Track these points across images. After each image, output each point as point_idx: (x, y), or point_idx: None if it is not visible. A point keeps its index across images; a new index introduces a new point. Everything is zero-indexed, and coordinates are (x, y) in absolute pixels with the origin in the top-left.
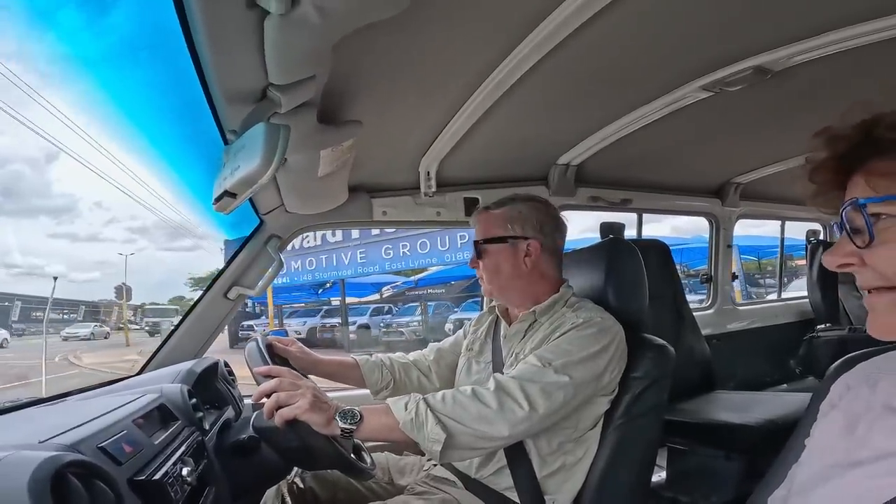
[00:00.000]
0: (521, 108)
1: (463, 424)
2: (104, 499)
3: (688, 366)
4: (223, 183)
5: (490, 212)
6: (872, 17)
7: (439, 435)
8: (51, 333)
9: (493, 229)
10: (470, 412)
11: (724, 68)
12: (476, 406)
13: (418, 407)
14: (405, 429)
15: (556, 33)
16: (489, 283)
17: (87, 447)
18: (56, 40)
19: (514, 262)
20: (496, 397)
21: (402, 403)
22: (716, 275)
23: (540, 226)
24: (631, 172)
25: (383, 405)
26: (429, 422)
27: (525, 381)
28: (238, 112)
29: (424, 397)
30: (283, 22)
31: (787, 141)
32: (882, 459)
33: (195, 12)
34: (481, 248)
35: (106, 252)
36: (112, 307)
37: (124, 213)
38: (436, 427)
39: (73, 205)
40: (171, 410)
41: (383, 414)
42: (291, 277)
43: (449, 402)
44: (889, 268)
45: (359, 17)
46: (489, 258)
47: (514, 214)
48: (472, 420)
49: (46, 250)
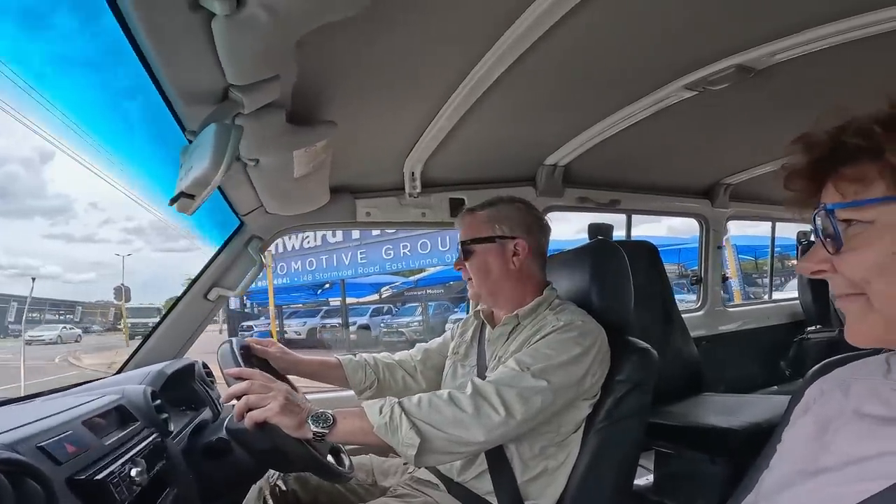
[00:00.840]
0: (505, 108)
1: (438, 429)
2: (34, 497)
3: (675, 368)
4: (179, 184)
5: (476, 213)
6: (851, 13)
7: (413, 439)
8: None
9: (480, 229)
10: (445, 416)
11: (706, 67)
12: (452, 410)
13: (393, 411)
14: (379, 433)
15: (536, 28)
16: (478, 284)
17: (26, 447)
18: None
19: (503, 262)
20: (472, 402)
21: (376, 407)
22: (706, 276)
23: (527, 226)
24: (619, 173)
25: (358, 409)
26: (403, 426)
27: (502, 386)
28: (199, 113)
29: (400, 401)
30: (230, 23)
31: (774, 141)
32: (848, 466)
33: (135, 19)
34: (468, 248)
35: (102, 253)
36: (108, 308)
37: (120, 214)
38: (410, 431)
39: (68, 205)
40: (129, 412)
41: (357, 417)
42: (291, 278)
43: (424, 406)
44: (856, 274)
45: (314, 18)
46: (477, 258)
47: (500, 215)
48: (448, 424)
49: (42, 251)
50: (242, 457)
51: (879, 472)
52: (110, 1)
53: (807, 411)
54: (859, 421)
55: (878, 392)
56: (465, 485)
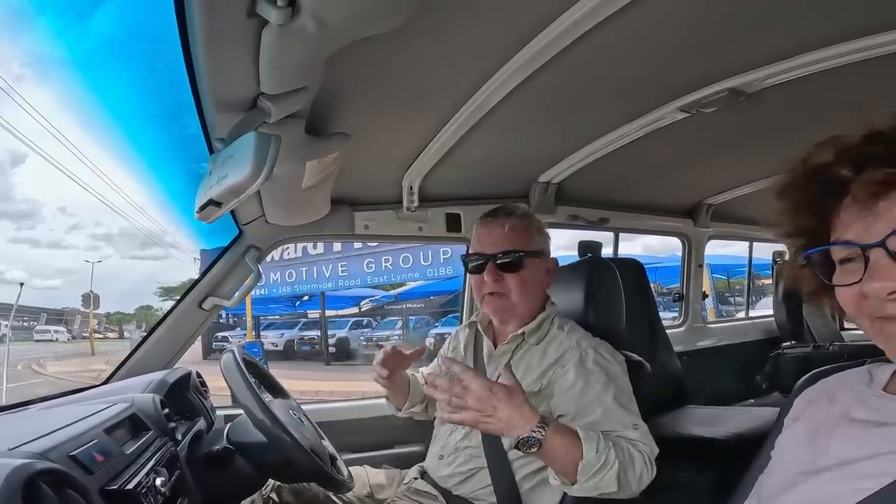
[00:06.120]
0: (504, 127)
1: (628, 483)
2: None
3: (661, 381)
4: (209, 192)
5: (526, 220)
6: (841, 40)
7: (611, 487)
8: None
9: (531, 240)
10: (636, 472)
11: (701, 90)
12: (640, 467)
13: (609, 455)
14: (584, 469)
15: (541, 55)
16: (521, 299)
17: (58, 455)
18: (37, 40)
19: (543, 280)
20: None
21: (594, 443)
22: (687, 293)
23: (548, 245)
24: (609, 192)
25: (571, 431)
26: (610, 473)
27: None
28: (227, 120)
29: (612, 446)
30: (281, 32)
31: (756, 163)
32: (843, 466)
33: (195, 17)
34: (519, 259)
35: (69, 259)
36: (75, 315)
37: (89, 220)
38: (613, 481)
39: (35, 210)
40: (142, 420)
41: (572, 444)
42: (270, 289)
43: (628, 457)
44: None
45: (356, 31)
46: (528, 272)
47: (540, 227)
48: (634, 481)
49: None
50: (242, 467)
51: (873, 471)
52: (178, 5)
53: (797, 419)
54: (850, 425)
55: (864, 399)
56: (464, 496)
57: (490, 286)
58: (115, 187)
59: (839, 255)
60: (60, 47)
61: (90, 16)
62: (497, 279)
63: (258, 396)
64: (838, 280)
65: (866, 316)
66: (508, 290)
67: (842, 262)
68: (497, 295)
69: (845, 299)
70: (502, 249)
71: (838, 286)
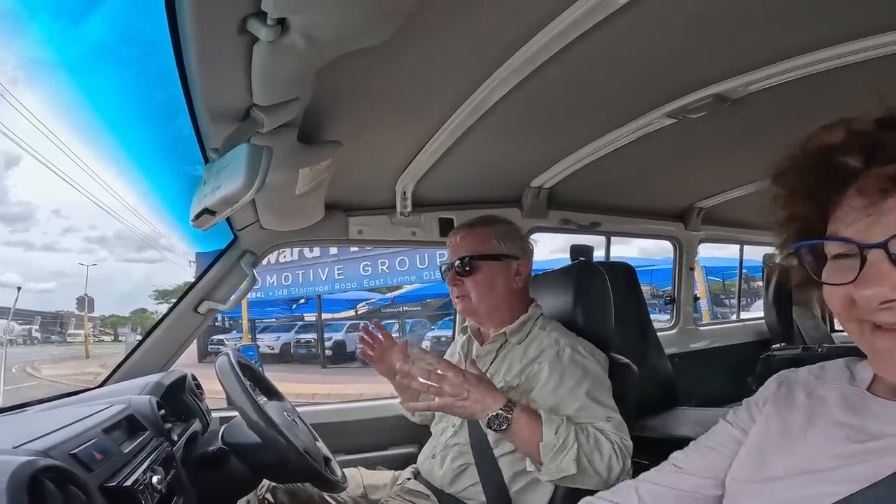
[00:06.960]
0: (496, 132)
1: (593, 469)
2: (77, 503)
3: (652, 383)
4: (203, 201)
5: (481, 229)
6: (822, 46)
7: (570, 469)
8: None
9: (486, 246)
10: (603, 458)
11: (687, 96)
12: (608, 454)
13: (567, 437)
14: (543, 449)
15: (530, 63)
16: (478, 300)
17: (60, 453)
18: (31, 44)
19: (507, 281)
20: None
21: (553, 425)
22: (679, 296)
23: (524, 249)
24: (600, 196)
25: (537, 414)
26: (568, 455)
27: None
28: (220, 129)
29: (575, 428)
30: (271, 48)
31: (745, 167)
32: (840, 468)
33: (188, 33)
34: (474, 263)
35: (64, 262)
36: (69, 318)
37: (84, 223)
38: (572, 463)
39: (30, 212)
40: (139, 421)
41: (533, 424)
42: (266, 293)
43: (592, 442)
44: None
45: (345, 45)
46: (482, 274)
47: (505, 234)
48: (603, 468)
49: (1, 258)
50: (237, 468)
51: (848, 476)
52: (170, 19)
53: (766, 401)
54: (829, 426)
55: (848, 399)
56: (455, 495)
57: (453, 290)
58: (109, 190)
59: (834, 251)
60: (53, 50)
61: (84, 19)
62: (456, 283)
63: (253, 398)
64: (829, 277)
65: (854, 320)
66: (468, 292)
67: (835, 257)
68: (460, 298)
69: (833, 300)
70: (458, 256)
71: (827, 284)
